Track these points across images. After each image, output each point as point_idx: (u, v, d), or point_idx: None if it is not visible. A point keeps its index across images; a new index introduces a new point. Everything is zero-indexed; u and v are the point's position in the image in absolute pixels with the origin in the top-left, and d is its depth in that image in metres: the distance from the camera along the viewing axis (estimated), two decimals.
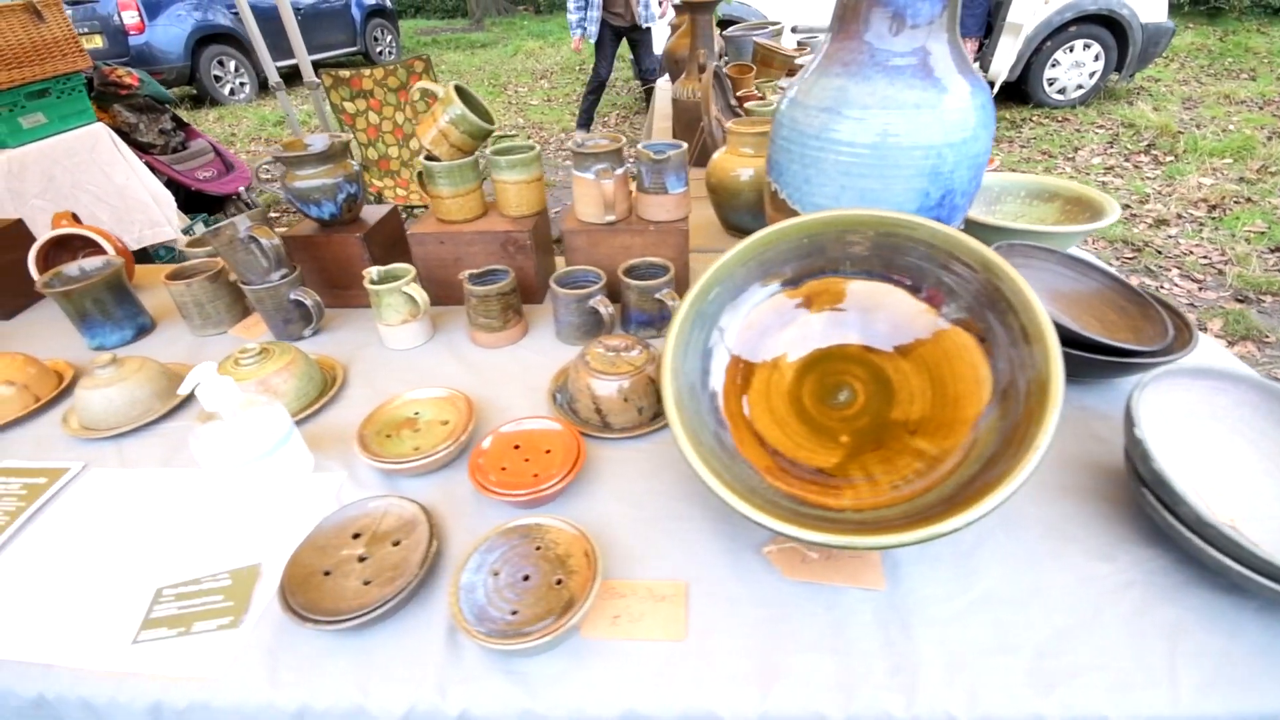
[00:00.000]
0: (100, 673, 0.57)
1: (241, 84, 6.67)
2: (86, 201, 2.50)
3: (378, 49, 8.29)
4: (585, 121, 4.86)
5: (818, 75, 0.88)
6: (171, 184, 3.02)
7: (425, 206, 3.13)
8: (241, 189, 3.54)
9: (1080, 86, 4.81)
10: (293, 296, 0.99)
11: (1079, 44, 4.68)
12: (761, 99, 1.87)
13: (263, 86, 7.03)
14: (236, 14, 6.58)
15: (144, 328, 1.08)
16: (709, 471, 0.59)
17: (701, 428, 0.66)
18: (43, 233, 1.17)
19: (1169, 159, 4.00)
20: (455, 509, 0.71)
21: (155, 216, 2.76)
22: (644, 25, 4.30)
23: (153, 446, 0.83)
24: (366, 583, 0.60)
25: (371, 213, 1.12)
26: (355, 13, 7.80)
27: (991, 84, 4.53)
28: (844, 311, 0.74)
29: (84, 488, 0.78)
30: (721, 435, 0.68)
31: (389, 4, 8.55)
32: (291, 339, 1.04)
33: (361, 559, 0.63)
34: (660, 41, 4.74)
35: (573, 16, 4.22)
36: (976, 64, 4.29)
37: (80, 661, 0.58)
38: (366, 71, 2.99)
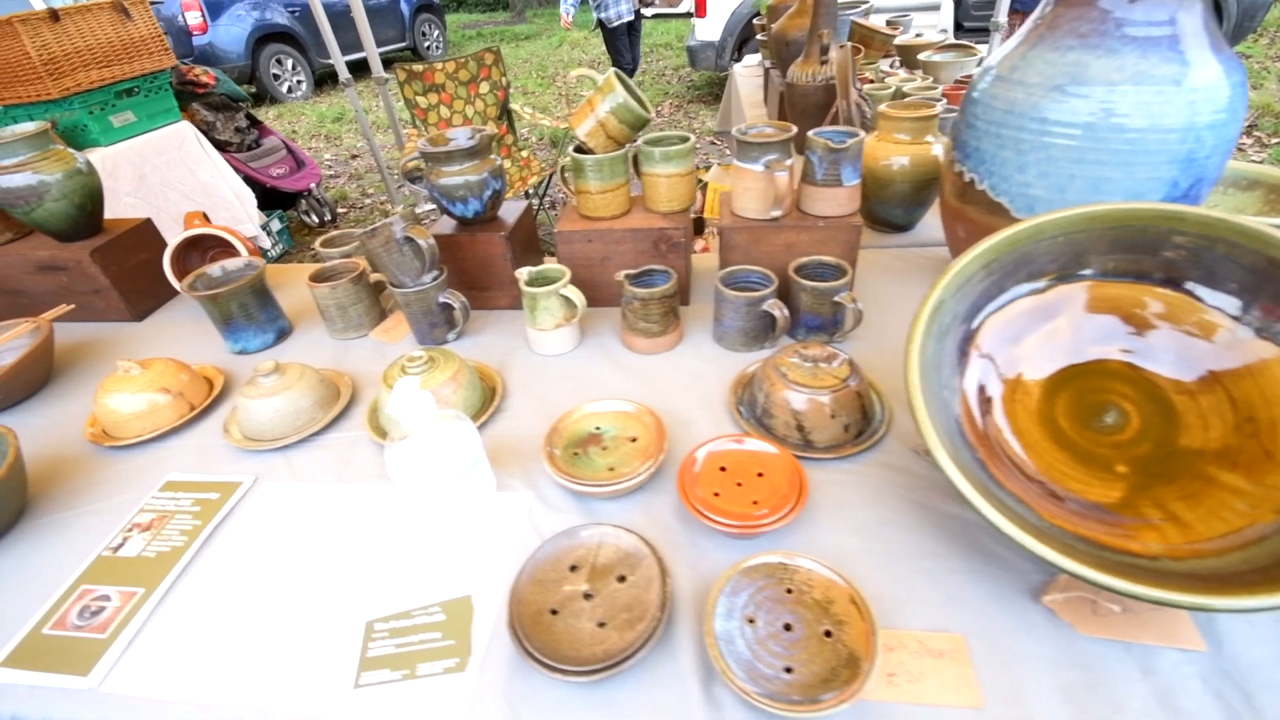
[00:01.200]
0: None
1: (299, 81, 6.78)
2: (175, 199, 2.54)
3: (425, 44, 8.34)
4: None
5: (1038, 48, 0.78)
6: (247, 181, 3.05)
7: None
8: (313, 185, 3.57)
9: None
10: (441, 299, 0.94)
11: None
12: (870, 81, 1.76)
13: (318, 84, 7.15)
14: (294, 13, 6.70)
15: (283, 331, 1.05)
16: (991, 505, 0.51)
17: (958, 452, 0.57)
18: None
19: (1275, 141, 3.70)
20: (659, 537, 0.65)
21: (238, 214, 2.80)
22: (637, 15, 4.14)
23: (322, 459, 0.79)
24: (601, 624, 0.54)
25: (508, 210, 1.07)
26: (404, 8, 7.86)
27: None
28: (1106, 321, 0.64)
29: (259, 503, 0.74)
30: (978, 461, 0.60)
31: None
32: (435, 343, 0.99)
33: (587, 596, 0.57)
34: None
35: None
36: None
37: (300, 709, 0.53)
38: (439, 65, 2.97)
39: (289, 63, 6.72)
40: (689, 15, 7.22)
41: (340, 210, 3.94)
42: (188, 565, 0.67)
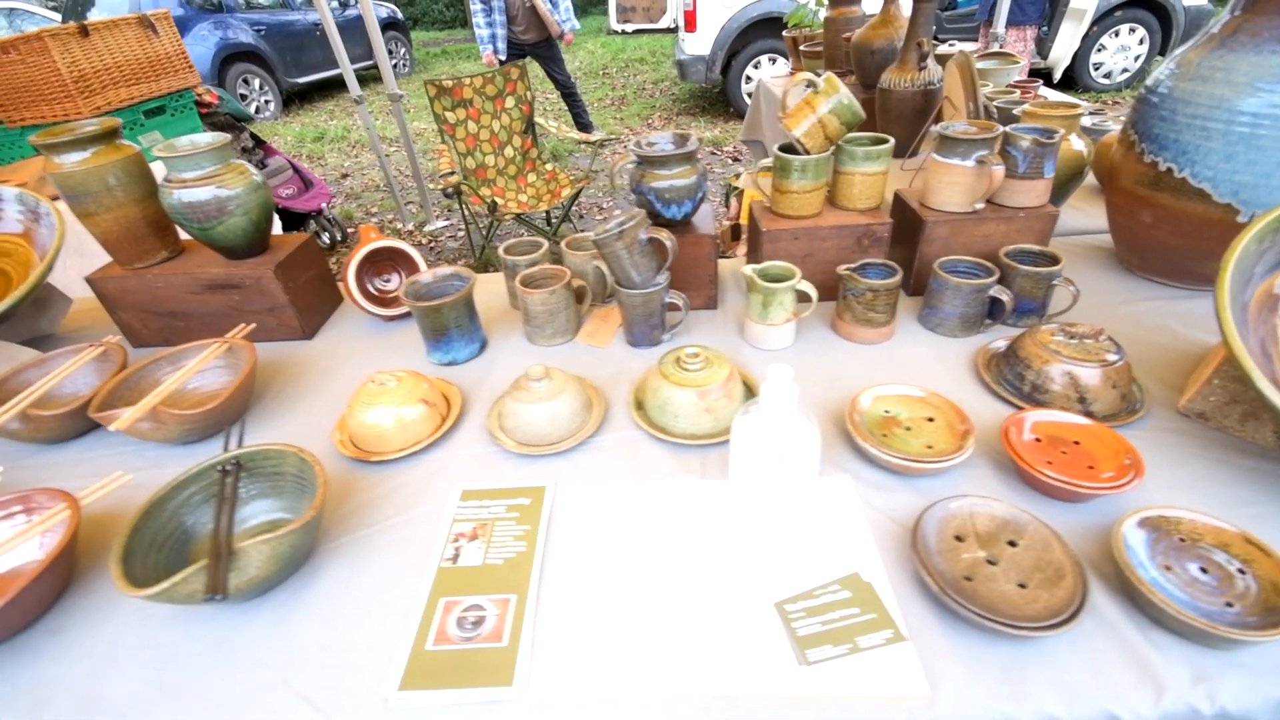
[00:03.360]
0: (784, 699, 0.53)
1: (266, 101, 6.56)
2: None
3: (392, 61, 8.19)
4: None
5: (1237, 50, 0.87)
6: None
7: (522, 215, 3.08)
8: (323, 205, 3.46)
9: (1125, 70, 4.90)
10: (667, 299, 0.96)
11: (1124, 28, 4.77)
12: None
13: (286, 104, 6.93)
14: (260, 31, 6.50)
15: (484, 341, 1.03)
16: None
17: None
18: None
19: None
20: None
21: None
22: (562, 33, 4.11)
23: (608, 460, 0.79)
24: (1021, 585, 0.57)
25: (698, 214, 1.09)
26: None
27: (1050, 71, 4.60)
28: None
29: (573, 504, 0.73)
30: None
31: (401, 17, 8.48)
32: (651, 344, 1.00)
33: (991, 562, 0.60)
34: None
35: (483, 32, 4.11)
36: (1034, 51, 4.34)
37: (757, 689, 0.54)
38: (467, 80, 2.95)
39: (256, 82, 6.49)
40: (670, 30, 7.39)
41: (349, 230, 3.82)
42: (543, 567, 0.66)
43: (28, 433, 0.87)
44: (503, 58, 4.16)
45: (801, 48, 2.39)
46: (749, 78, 5.14)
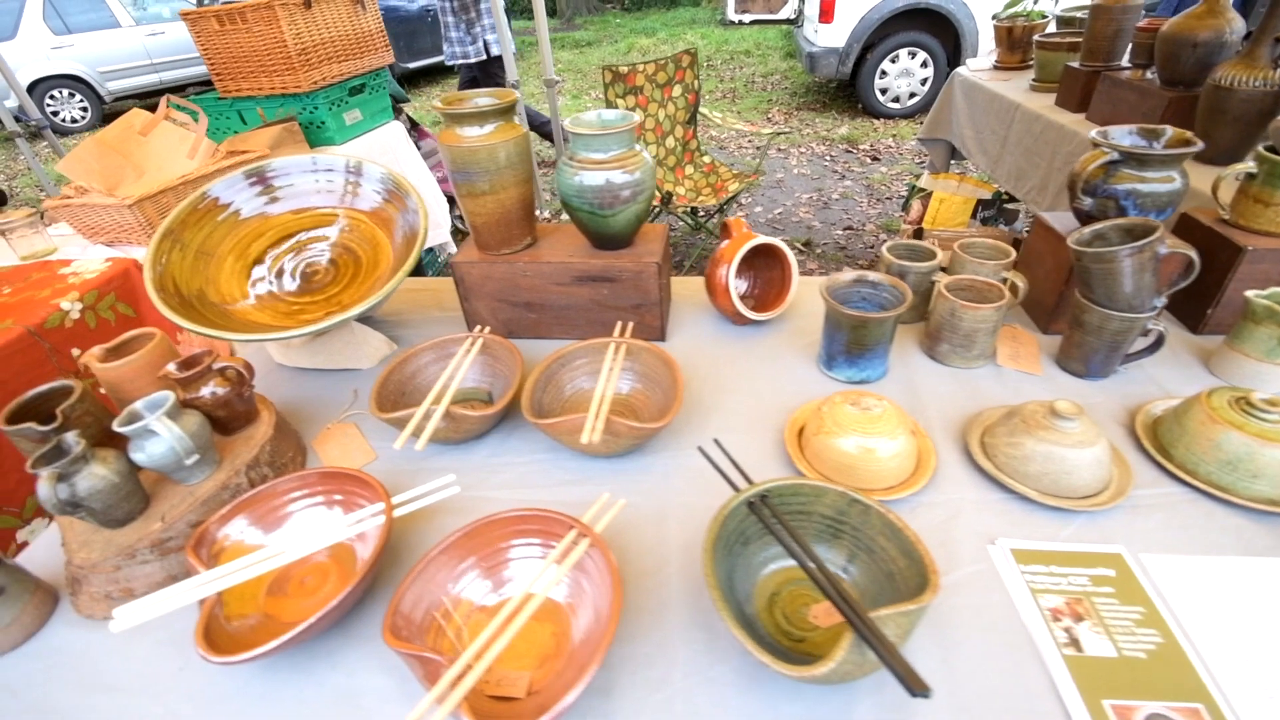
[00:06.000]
0: None
1: None
2: None
3: None
4: None
5: None
6: None
7: (684, 208, 2.95)
8: None
9: None
10: (1150, 325, 0.81)
11: None
12: None
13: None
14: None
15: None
16: None
17: None
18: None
19: None
20: None
21: (438, 218, 2.66)
22: (493, 54, 3.82)
23: (1161, 522, 0.65)
24: None
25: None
26: None
27: None
28: None
29: (1168, 578, 0.60)
30: None
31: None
32: (1104, 376, 0.85)
33: None
34: None
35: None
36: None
37: None
38: (640, 66, 2.85)
39: None
40: (789, 22, 7.16)
41: None
42: (1208, 669, 0.53)
43: (445, 433, 0.79)
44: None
45: (1036, 37, 2.18)
46: (884, 72, 4.89)
